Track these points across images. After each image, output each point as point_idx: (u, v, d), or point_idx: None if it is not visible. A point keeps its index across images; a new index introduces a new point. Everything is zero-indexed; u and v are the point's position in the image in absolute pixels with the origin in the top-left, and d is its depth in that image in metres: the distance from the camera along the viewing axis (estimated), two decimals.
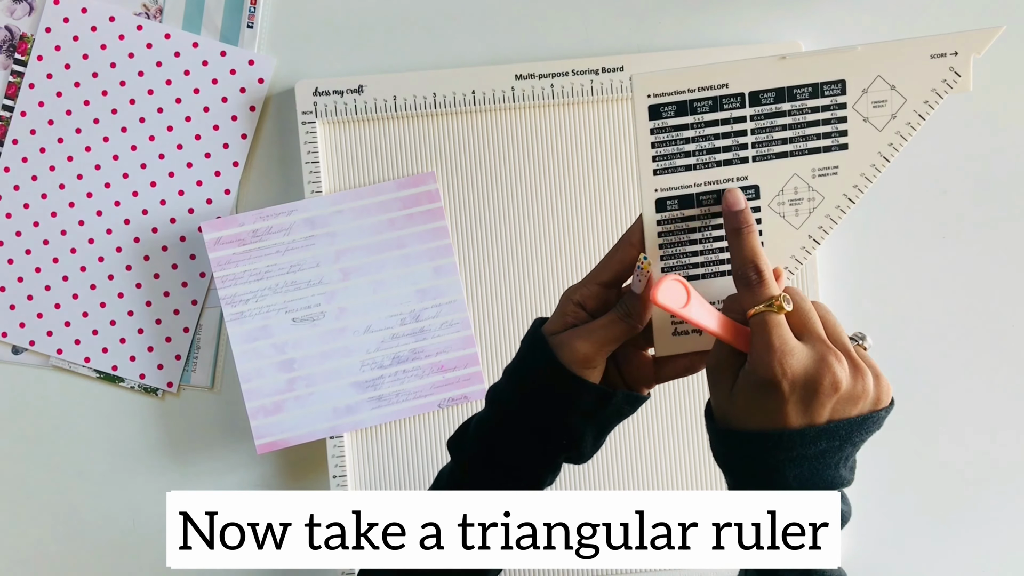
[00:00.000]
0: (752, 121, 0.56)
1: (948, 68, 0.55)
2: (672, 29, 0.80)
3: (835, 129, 0.56)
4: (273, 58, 0.80)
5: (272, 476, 0.81)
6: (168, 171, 0.81)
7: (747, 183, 0.56)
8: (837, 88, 0.55)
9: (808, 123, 0.56)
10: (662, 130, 0.55)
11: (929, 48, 0.55)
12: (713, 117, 0.55)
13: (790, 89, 0.55)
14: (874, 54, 0.55)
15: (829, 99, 0.55)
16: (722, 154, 0.56)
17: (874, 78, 0.55)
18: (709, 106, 0.55)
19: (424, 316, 0.78)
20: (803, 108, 0.55)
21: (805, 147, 0.56)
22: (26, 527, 0.82)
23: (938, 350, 0.81)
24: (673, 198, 0.56)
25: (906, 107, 0.55)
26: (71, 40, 0.80)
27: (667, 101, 0.55)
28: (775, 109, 0.55)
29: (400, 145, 0.79)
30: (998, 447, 0.81)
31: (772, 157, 0.56)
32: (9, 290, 0.81)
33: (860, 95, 0.55)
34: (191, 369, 0.81)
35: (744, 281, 0.52)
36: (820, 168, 0.56)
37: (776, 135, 0.56)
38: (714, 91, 0.55)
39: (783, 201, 0.56)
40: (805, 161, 0.56)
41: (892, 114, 0.55)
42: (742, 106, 0.55)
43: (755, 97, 0.55)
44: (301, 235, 0.78)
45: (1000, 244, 0.81)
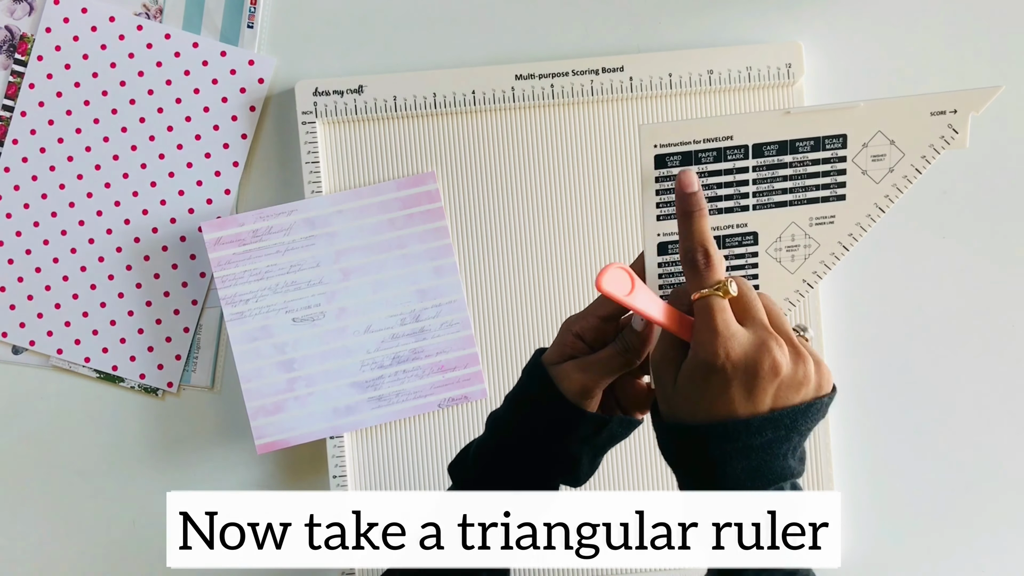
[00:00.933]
0: (754, 172, 0.57)
1: (947, 125, 0.57)
2: (672, 29, 0.80)
3: (834, 181, 0.57)
4: (273, 58, 0.80)
5: (272, 476, 0.81)
6: (168, 171, 0.81)
7: (746, 230, 0.58)
8: (838, 142, 0.57)
9: (808, 174, 0.57)
10: (667, 178, 0.57)
11: (930, 105, 0.56)
12: (717, 167, 0.57)
13: (792, 142, 0.57)
14: (876, 111, 0.56)
15: (830, 152, 0.57)
16: (724, 202, 0.57)
17: (874, 133, 0.57)
18: (713, 157, 0.57)
19: (424, 316, 0.78)
20: (804, 160, 0.57)
21: (804, 197, 0.58)
22: (26, 527, 0.82)
23: (938, 350, 0.81)
24: (674, 243, 0.57)
25: (904, 161, 0.57)
26: (71, 40, 0.80)
27: (673, 151, 0.57)
28: (777, 161, 0.57)
29: (400, 145, 0.79)
30: (998, 447, 0.81)
31: (772, 206, 0.58)
32: (9, 290, 0.81)
33: (860, 149, 0.57)
34: (191, 369, 0.81)
35: (691, 264, 0.53)
36: (817, 217, 0.58)
37: (777, 185, 0.57)
38: (719, 143, 0.57)
39: (780, 247, 0.58)
40: (803, 210, 0.58)
41: (890, 167, 0.57)
42: (745, 157, 0.57)
43: (758, 149, 0.57)
44: (301, 235, 0.78)
45: (1000, 244, 0.81)
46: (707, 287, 0.51)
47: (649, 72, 0.78)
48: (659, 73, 0.78)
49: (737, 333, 0.50)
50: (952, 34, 0.80)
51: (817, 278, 0.58)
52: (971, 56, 0.80)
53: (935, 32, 0.80)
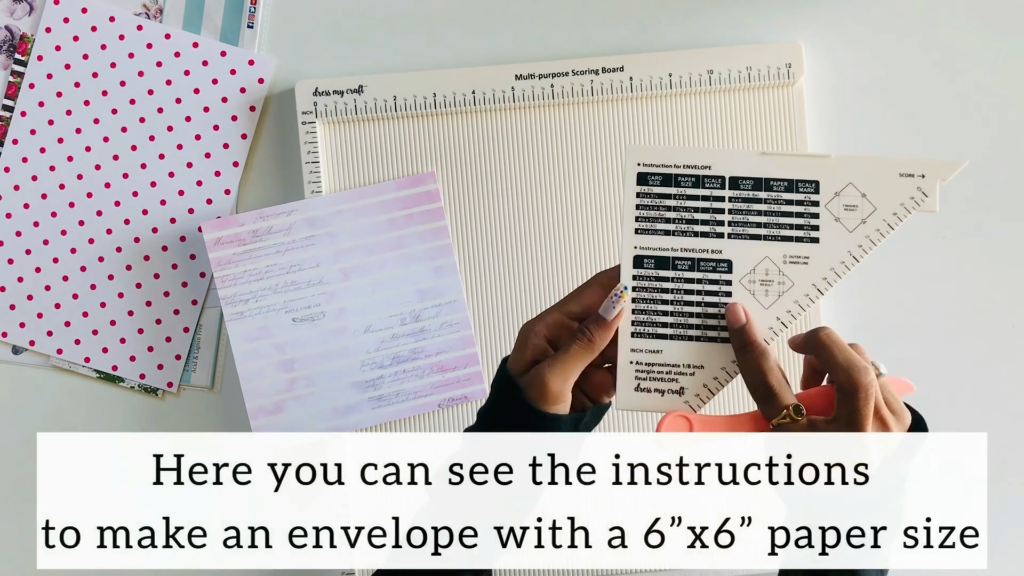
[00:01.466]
0: (730, 202, 0.59)
1: (916, 188, 0.58)
2: (672, 29, 0.80)
3: (807, 223, 0.59)
4: (273, 58, 0.80)
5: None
6: (168, 171, 0.81)
7: (721, 256, 0.59)
8: (811, 187, 0.59)
9: (782, 213, 0.59)
10: (647, 195, 0.59)
11: (899, 167, 0.58)
12: (694, 192, 0.59)
13: (767, 180, 0.59)
14: (847, 164, 0.58)
15: (803, 195, 0.59)
16: (700, 226, 0.59)
17: (846, 184, 0.58)
18: (692, 182, 0.59)
19: (424, 316, 0.78)
20: (778, 199, 0.59)
21: (778, 234, 0.59)
22: (26, 527, 0.82)
23: (937, 350, 0.81)
24: (650, 257, 0.59)
25: (875, 215, 0.58)
26: (71, 40, 0.80)
27: (655, 171, 0.59)
28: (752, 195, 0.59)
29: (400, 145, 0.79)
30: (997, 447, 0.81)
31: (747, 237, 0.59)
32: (9, 290, 0.81)
33: (832, 196, 0.58)
34: (191, 369, 0.81)
35: (758, 395, 0.56)
36: (791, 255, 0.59)
37: (751, 218, 0.59)
38: (698, 170, 0.59)
39: (754, 280, 0.59)
40: (777, 246, 0.59)
41: (863, 219, 0.58)
42: (722, 188, 0.59)
43: (734, 182, 0.59)
44: (301, 235, 0.78)
45: (1000, 244, 0.81)
46: (777, 416, 0.54)
47: (649, 72, 0.78)
48: (659, 73, 0.78)
49: None
50: (952, 34, 0.80)
51: (791, 317, 0.59)
52: (971, 56, 0.80)
53: (935, 32, 0.80)
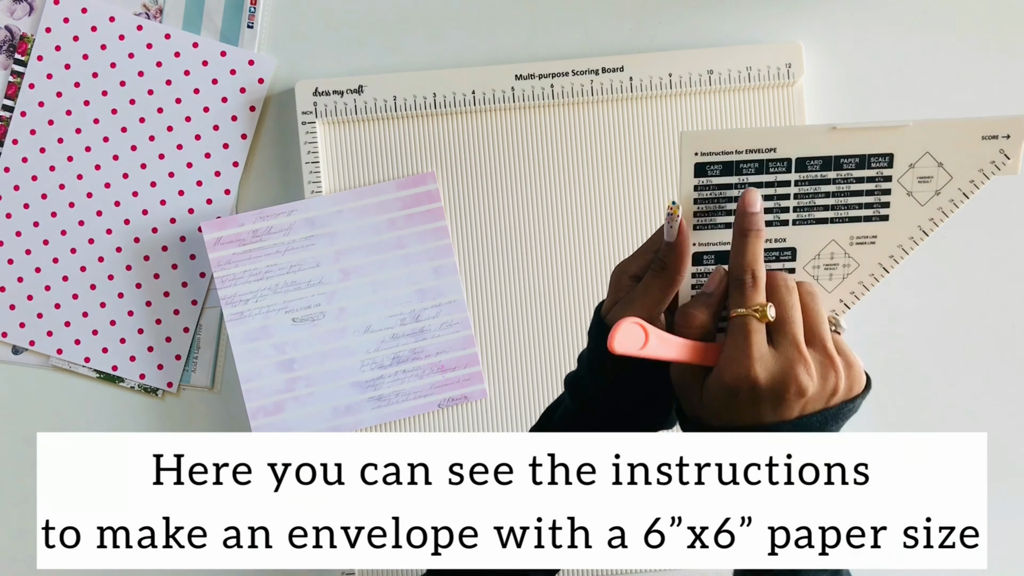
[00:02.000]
0: (796, 186, 0.56)
1: (998, 150, 0.55)
2: (672, 29, 0.80)
3: (878, 200, 0.56)
4: (273, 58, 0.80)
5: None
6: (168, 171, 0.81)
7: (785, 245, 0.57)
8: (884, 161, 0.55)
9: (852, 192, 0.56)
10: (706, 187, 0.55)
11: (982, 129, 0.55)
12: (758, 179, 0.55)
13: (837, 158, 0.55)
14: (926, 131, 0.55)
15: (875, 171, 0.55)
16: (764, 215, 0.56)
17: (922, 154, 0.55)
18: (755, 168, 0.55)
19: (424, 316, 0.78)
20: (848, 178, 0.55)
21: (846, 215, 0.56)
22: (26, 527, 0.82)
23: (937, 351, 0.81)
24: (710, 253, 0.56)
25: (951, 185, 0.56)
26: (71, 40, 0.80)
27: (713, 160, 0.55)
28: (820, 176, 0.55)
29: (400, 145, 0.79)
30: (997, 447, 0.81)
31: (812, 222, 0.56)
32: (9, 290, 0.81)
33: (907, 169, 0.55)
34: (191, 369, 0.81)
35: (738, 283, 0.52)
36: (858, 236, 0.56)
37: (819, 201, 0.56)
38: (761, 154, 0.55)
39: (818, 265, 0.57)
40: (844, 228, 0.56)
41: (936, 190, 0.56)
42: (788, 171, 0.55)
43: (801, 163, 0.55)
44: (301, 235, 0.78)
45: (1000, 244, 0.81)
46: (747, 308, 0.52)
47: (649, 72, 0.78)
48: (659, 73, 0.78)
49: (765, 356, 0.51)
50: (952, 33, 0.80)
51: (855, 298, 0.58)
52: (971, 55, 0.80)
53: (935, 31, 0.80)
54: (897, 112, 0.80)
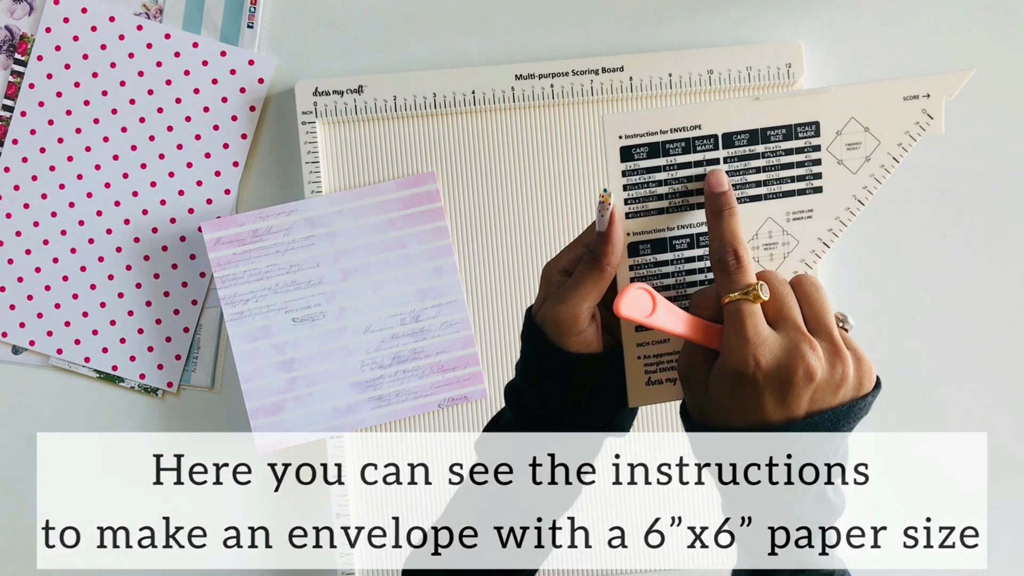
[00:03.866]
0: (726, 163, 0.54)
1: (921, 110, 0.54)
2: (672, 29, 0.80)
3: (809, 172, 0.54)
4: (273, 58, 0.80)
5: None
6: (168, 171, 0.81)
7: None
8: (811, 130, 0.54)
9: (782, 165, 0.54)
10: (634, 172, 0.53)
11: (902, 90, 0.54)
12: (686, 159, 0.54)
13: (764, 131, 0.54)
14: (847, 95, 0.54)
15: (803, 141, 0.54)
16: (695, 197, 0.54)
17: (848, 120, 0.54)
18: (682, 148, 0.53)
19: (424, 316, 0.78)
20: (777, 150, 0.54)
21: (779, 190, 0.54)
22: (26, 527, 0.82)
23: (937, 350, 0.81)
24: (646, 242, 0.54)
25: (880, 149, 0.54)
26: (71, 40, 0.80)
27: (639, 143, 0.53)
28: (749, 151, 0.54)
29: (400, 145, 0.79)
30: (997, 448, 0.81)
31: (746, 200, 0.54)
32: (9, 290, 0.81)
33: (834, 137, 0.54)
34: (191, 369, 0.81)
35: (721, 266, 0.50)
36: (795, 211, 0.55)
37: (750, 177, 0.54)
38: (686, 132, 0.53)
39: (757, 245, 0.55)
40: (779, 204, 0.54)
41: (866, 156, 0.54)
42: (715, 148, 0.54)
43: (728, 139, 0.54)
44: (301, 235, 0.78)
45: (1000, 244, 0.81)
46: (737, 291, 0.49)
47: (649, 72, 0.78)
48: (659, 73, 0.78)
49: (768, 339, 0.48)
50: (952, 33, 0.80)
51: None
52: (971, 56, 0.80)
53: (935, 31, 0.80)
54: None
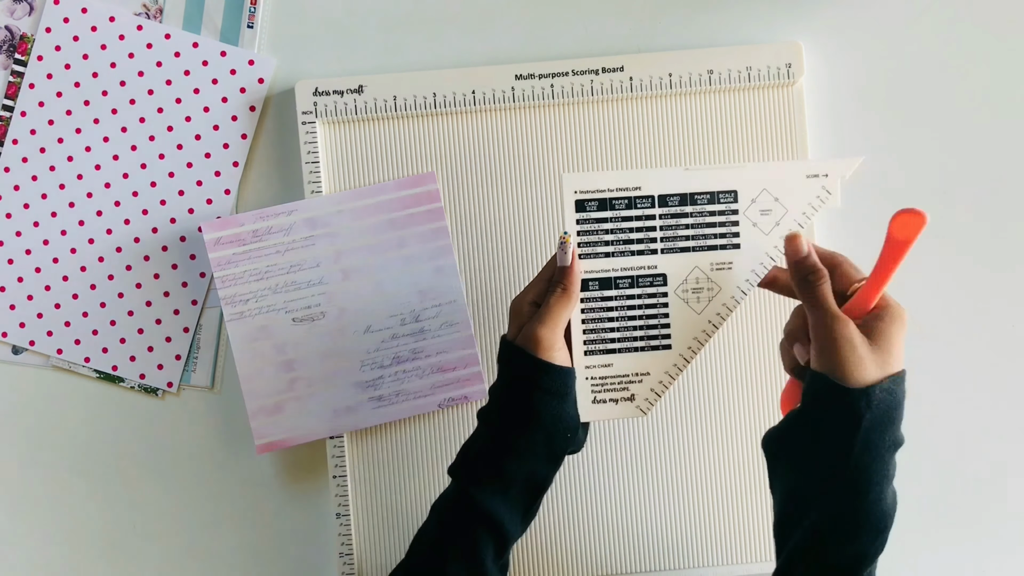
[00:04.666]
0: (660, 219, 0.65)
1: (821, 187, 0.65)
2: (672, 29, 0.80)
3: (729, 231, 0.65)
4: (273, 58, 0.80)
5: (272, 476, 0.81)
6: (168, 171, 0.81)
7: (656, 271, 0.66)
8: (731, 197, 0.65)
9: (707, 224, 0.65)
10: (586, 221, 0.65)
11: (805, 170, 0.65)
12: (628, 213, 0.65)
13: (692, 195, 0.65)
14: (760, 171, 0.65)
15: (724, 205, 0.65)
16: (636, 245, 0.65)
17: (761, 191, 0.65)
18: (625, 204, 0.65)
19: (424, 316, 0.78)
20: (703, 211, 0.65)
21: (704, 244, 0.65)
22: (26, 528, 0.82)
23: (937, 351, 0.81)
24: (594, 280, 0.65)
25: (787, 216, 0.65)
26: (71, 40, 0.80)
27: (591, 198, 0.65)
28: (679, 211, 0.65)
29: (400, 145, 0.79)
30: (998, 448, 0.81)
31: (677, 251, 0.65)
32: (9, 290, 0.81)
33: (750, 203, 0.65)
34: (191, 369, 0.81)
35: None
36: (717, 263, 0.65)
37: (680, 232, 0.65)
38: (629, 192, 0.65)
39: (687, 289, 0.66)
40: (705, 256, 0.65)
41: (776, 221, 0.65)
42: (652, 206, 0.65)
43: (663, 199, 0.65)
44: (301, 235, 0.78)
45: (1000, 244, 0.81)
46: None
47: (649, 72, 0.78)
48: (659, 73, 0.78)
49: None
50: (952, 34, 0.80)
51: (721, 319, 0.65)
52: (971, 56, 0.80)
53: (935, 32, 0.80)
54: (898, 112, 0.80)
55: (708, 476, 0.79)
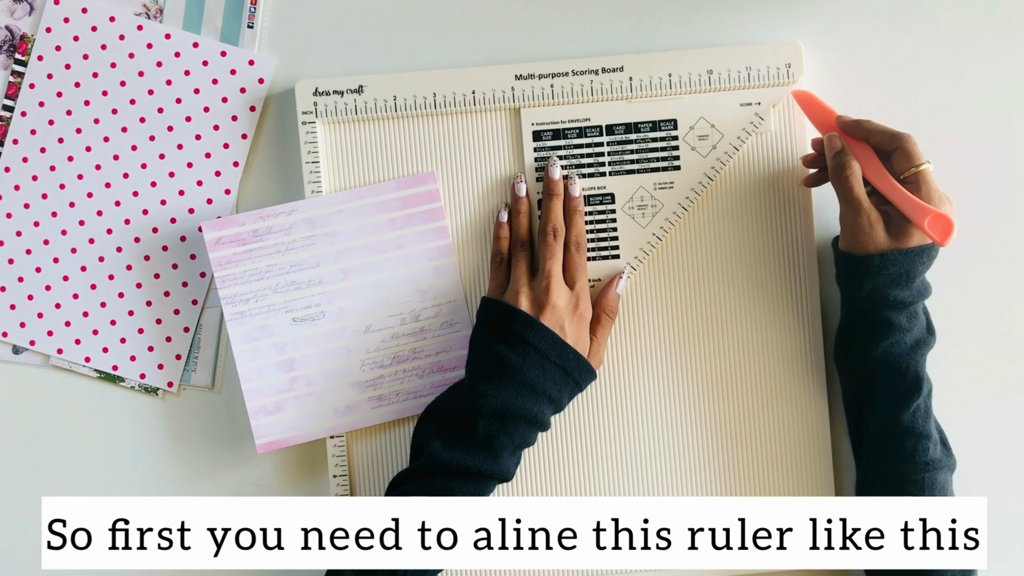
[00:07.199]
0: (608, 146, 0.76)
1: (754, 113, 0.76)
2: (672, 29, 0.80)
3: (670, 155, 0.76)
4: (273, 58, 0.80)
5: (272, 476, 0.81)
6: (168, 171, 0.81)
7: (605, 191, 0.76)
8: (671, 125, 0.76)
9: (650, 149, 0.76)
10: (543, 149, 0.77)
11: (739, 98, 0.76)
12: (579, 142, 0.77)
13: (636, 124, 0.76)
14: (697, 101, 0.76)
15: (665, 132, 0.76)
16: (586, 169, 0.77)
17: (698, 118, 0.76)
18: (576, 133, 0.77)
19: (424, 316, 0.79)
20: (646, 138, 0.76)
21: (648, 166, 0.76)
22: (26, 528, 0.82)
23: (937, 351, 0.81)
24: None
25: (723, 141, 0.76)
26: (71, 40, 0.80)
27: (546, 128, 0.77)
28: (625, 138, 0.76)
29: (400, 145, 0.79)
30: (998, 448, 0.81)
31: (624, 172, 0.76)
32: (9, 290, 0.81)
33: (688, 130, 0.76)
34: (191, 369, 0.81)
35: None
36: (660, 183, 0.76)
37: (626, 157, 0.76)
38: (580, 123, 0.77)
39: (632, 206, 0.76)
40: (648, 177, 0.76)
41: (713, 145, 0.76)
42: (600, 135, 0.76)
43: (610, 128, 0.77)
44: (301, 235, 0.78)
45: (1000, 245, 0.81)
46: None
47: (649, 72, 0.78)
48: (659, 73, 0.78)
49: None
50: (952, 33, 0.80)
51: (664, 232, 0.76)
52: (971, 55, 0.80)
53: (935, 31, 0.80)
54: (898, 112, 0.80)
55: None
